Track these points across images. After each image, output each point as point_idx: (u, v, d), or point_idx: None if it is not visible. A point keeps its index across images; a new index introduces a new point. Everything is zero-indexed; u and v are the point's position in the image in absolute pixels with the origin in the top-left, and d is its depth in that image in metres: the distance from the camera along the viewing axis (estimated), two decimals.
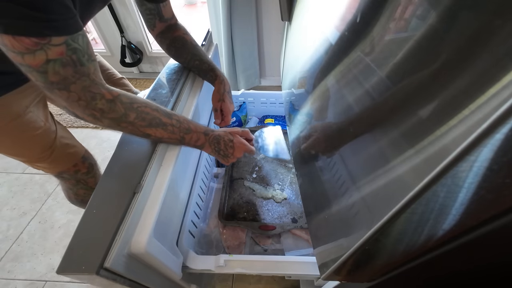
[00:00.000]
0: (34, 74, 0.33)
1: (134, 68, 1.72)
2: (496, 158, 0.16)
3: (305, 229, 0.73)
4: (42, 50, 0.31)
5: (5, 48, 0.31)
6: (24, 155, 0.58)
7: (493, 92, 0.15)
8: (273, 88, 1.62)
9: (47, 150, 0.58)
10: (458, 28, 0.19)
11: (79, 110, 0.38)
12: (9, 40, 0.30)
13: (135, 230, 0.40)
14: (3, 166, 1.21)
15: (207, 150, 0.54)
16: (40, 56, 0.31)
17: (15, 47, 0.30)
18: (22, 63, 0.32)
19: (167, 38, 0.63)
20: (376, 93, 0.29)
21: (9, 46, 0.30)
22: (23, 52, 0.31)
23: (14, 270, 0.89)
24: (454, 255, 0.22)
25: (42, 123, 0.56)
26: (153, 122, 0.45)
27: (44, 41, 0.31)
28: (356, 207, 0.31)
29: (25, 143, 0.55)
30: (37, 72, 0.33)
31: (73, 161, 0.65)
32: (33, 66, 0.32)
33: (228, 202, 0.80)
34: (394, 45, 0.27)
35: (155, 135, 0.46)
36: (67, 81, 0.35)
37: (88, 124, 1.41)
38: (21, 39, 0.30)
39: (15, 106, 0.50)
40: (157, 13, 0.59)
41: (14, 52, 0.31)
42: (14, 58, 0.32)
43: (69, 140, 0.64)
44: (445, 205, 0.19)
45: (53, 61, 0.32)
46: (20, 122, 0.51)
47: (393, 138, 0.25)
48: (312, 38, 0.53)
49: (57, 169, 0.63)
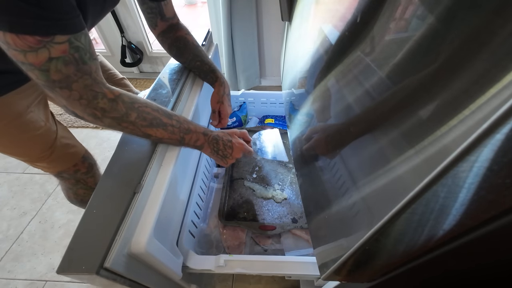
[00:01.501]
0: (36, 73, 0.33)
1: (134, 68, 1.72)
2: (496, 158, 0.16)
3: (305, 229, 0.73)
4: (45, 48, 0.31)
5: (6, 46, 0.30)
6: (25, 155, 0.58)
7: (494, 92, 0.15)
8: (273, 88, 1.62)
9: (47, 150, 0.58)
10: (458, 28, 0.19)
11: (80, 109, 0.38)
12: (12, 38, 0.29)
13: (135, 230, 0.40)
14: (3, 166, 1.21)
15: (206, 150, 0.54)
16: (42, 54, 0.31)
17: (17, 45, 0.30)
18: (24, 61, 0.31)
19: (168, 37, 0.63)
20: (376, 93, 0.29)
21: (11, 44, 0.30)
22: (25, 50, 0.30)
23: (14, 270, 0.89)
24: (454, 256, 0.22)
25: (43, 123, 0.56)
26: (154, 122, 0.45)
27: (48, 39, 0.31)
28: (356, 207, 0.31)
29: (26, 143, 0.55)
30: (39, 70, 0.32)
31: (73, 161, 0.65)
32: (35, 64, 0.32)
33: (228, 202, 0.80)
34: (394, 45, 0.27)
35: (155, 135, 0.46)
36: (69, 79, 0.34)
37: (88, 124, 1.41)
38: (24, 37, 0.29)
39: (16, 106, 0.50)
40: (158, 12, 0.59)
41: (16, 50, 0.30)
42: (16, 56, 0.31)
43: (69, 140, 0.64)
44: (445, 206, 0.19)
45: (56, 59, 0.32)
46: (21, 122, 0.51)
47: (393, 138, 0.25)
48: (312, 38, 0.53)
49: (57, 168, 0.63)
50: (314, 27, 0.52)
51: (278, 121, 1.07)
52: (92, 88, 0.37)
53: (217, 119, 0.69)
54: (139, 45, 1.63)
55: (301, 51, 0.61)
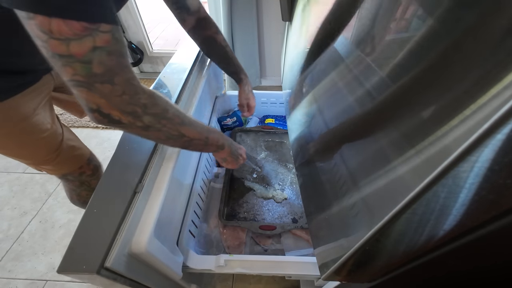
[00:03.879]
0: (75, 66, 0.30)
1: (134, 68, 1.72)
2: (497, 158, 0.16)
3: (306, 229, 0.73)
4: (90, 36, 0.29)
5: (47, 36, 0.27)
6: (30, 157, 0.57)
7: (494, 92, 0.15)
8: (273, 88, 1.62)
9: (53, 152, 0.57)
10: (459, 28, 0.19)
11: (121, 107, 0.35)
12: (57, 24, 0.27)
13: (136, 230, 0.40)
14: (4, 166, 1.21)
15: (226, 151, 0.56)
16: (87, 42, 0.29)
17: (62, 33, 0.27)
18: (64, 52, 0.29)
19: (199, 35, 0.67)
20: (377, 94, 0.29)
21: (54, 32, 0.27)
22: (69, 39, 0.28)
23: (15, 269, 0.89)
24: (454, 256, 0.22)
25: (49, 125, 0.55)
26: (186, 120, 0.43)
27: (94, 27, 0.29)
28: (356, 207, 0.31)
29: (32, 146, 0.54)
30: (81, 62, 0.29)
31: (79, 164, 0.64)
32: (77, 55, 0.29)
33: (229, 202, 0.80)
34: (394, 45, 0.27)
35: (188, 135, 0.44)
36: (112, 72, 0.32)
37: (89, 124, 1.41)
38: (71, 23, 0.27)
39: (23, 108, 0.49)
40: (183, 6, 0.60)
41: (59, 39, 0.28)
42: (56, 47, 0.28)
43: (75, 142, 0.63)
44: (446, 206, 0.19)
45: (100, 48, 0.30)
46: (28, 124, 0.51)
47: (394, 139, 0.25)
48: (312, 38, 0.53)
49: (62, 171, 0.63)
50: (314, 27, 0.52)
51: (278, 121, 1.07)
52: (133, 82, 0.35)
53: (246, 110, 0.84)
54: (140, 45, 1.63)
55: (301, 51, 0.61)
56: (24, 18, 0.27)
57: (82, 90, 0.32)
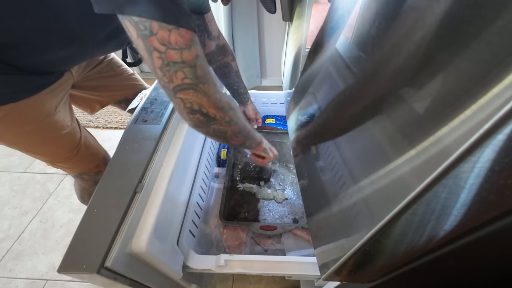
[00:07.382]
0: (186, 70, 0.33)
1: (135, 68, 1.72)
2: (498, 159, 0.15)
3: (306, 229, 0.73)
4: (195, 44, 0.33)
5: (165, 47, 0.31)
6: (51, 154, 0.58)
7: (495, 92, 0.15)
8: (274, 88, 1.62)
9: (74, 149, 0.58)
10: (460, 28, 0.19)
11: (216, 103, 0.38)
12: (175, 35, 0.30)
13: (136, 230, 0.40)
14: (4, 165, 1.21)
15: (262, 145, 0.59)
16: (194, 50, 0.33)
17: (178, 43, 0.31)
18: (177, 60, 0.32)
19: (217, 61, 0.71)
20: (378, 94, 0.29)
21: (172, 43, 0.31)
22: (183, 48, 0.31)
23: (15, 269, 0.89)
24: (455, 256, 0.22)
25: (69, 123, 0.57)
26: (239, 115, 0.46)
27: (194, 35, 0.33)
28: (356, 207, 0.31)
29: (55, 142, 0.55)
30: (190, 67, 0.33)
31: (95, 162, 0.65)
32: (188, 61, 0.33)
33: (229, 202, 0.80)
34: (394, 45, 0.27)
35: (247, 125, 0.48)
36: (207, 73, 0.36)
37: (89, 124, 1.41)
38: (187, 32, 0.31)
39: (47, 105, 0.50)
40: (204, 29, 0.62)
41: (174, 49, 0.31)
42: (171, 56, 0.31)
43: (91, 140, 0.65)
44: (446, 206, 0.19)
45: (199, 55, 0.34)
46: (50, 121, 0.52)
47: (394, 139, 0.25)
48: (312, 38, 0.53)
49: (79, 169, 0.63)
50: (313, 26, 0.52)
51: (278, 121, 1.07)
52: (214, 81, 0.38)
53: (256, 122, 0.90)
54: None
55: (302, 51, 0.61)
56: (145, 37, 0.30)
57: (189, 92, 0.35)
